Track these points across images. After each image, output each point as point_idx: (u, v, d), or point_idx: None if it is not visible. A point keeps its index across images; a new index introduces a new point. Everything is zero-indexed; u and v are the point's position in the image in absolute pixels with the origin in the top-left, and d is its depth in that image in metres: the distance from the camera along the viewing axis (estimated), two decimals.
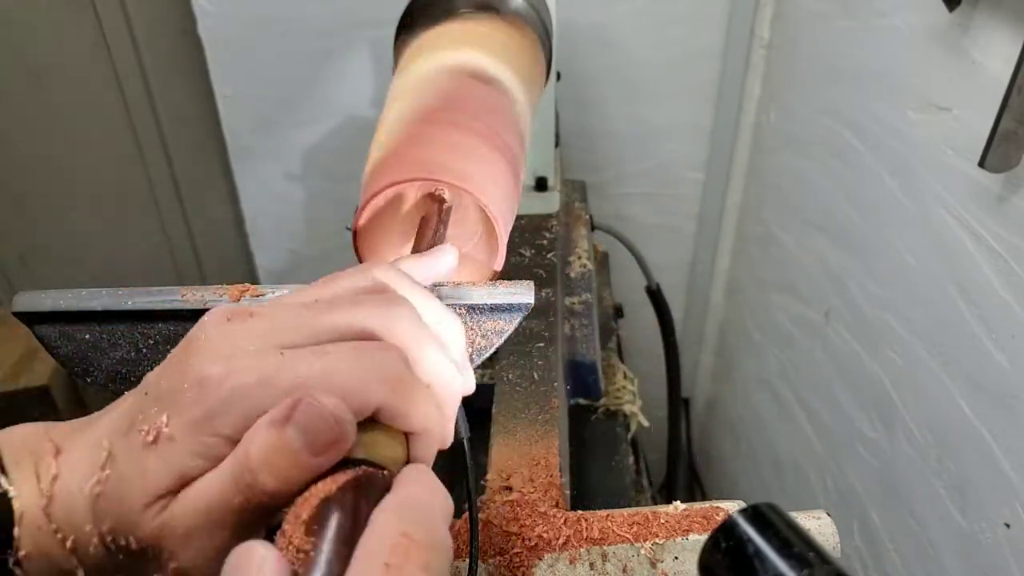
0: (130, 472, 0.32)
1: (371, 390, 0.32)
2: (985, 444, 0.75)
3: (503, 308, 0.44)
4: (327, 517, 0.28)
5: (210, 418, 0.31)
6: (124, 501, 0.31)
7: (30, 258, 1.67)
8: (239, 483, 0.30)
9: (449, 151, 0.49)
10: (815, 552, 0.29)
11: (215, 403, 0.31)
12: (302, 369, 0.31)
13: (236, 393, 0.31)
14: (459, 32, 0.64)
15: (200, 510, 0.31)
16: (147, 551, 0.32)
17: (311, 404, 0.30)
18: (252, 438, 0.31)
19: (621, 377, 0.99)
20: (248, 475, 0.30)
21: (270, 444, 0.30)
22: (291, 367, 0.31)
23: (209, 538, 0.31)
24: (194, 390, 0.31)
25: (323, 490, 0.29)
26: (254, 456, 0.30)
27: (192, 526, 0.31)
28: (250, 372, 0.31)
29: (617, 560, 0.49)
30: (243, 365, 0.31)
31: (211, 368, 0.31)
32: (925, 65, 0.82)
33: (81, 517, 0.32)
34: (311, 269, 1.56)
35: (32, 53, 1.43)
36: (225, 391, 0.31)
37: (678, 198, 1.49)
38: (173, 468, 0.31)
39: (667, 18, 1.28)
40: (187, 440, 0.31)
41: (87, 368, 0.43)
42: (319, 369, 0.31)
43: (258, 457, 0.30)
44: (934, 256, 0.83)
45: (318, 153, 1.42)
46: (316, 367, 0.31)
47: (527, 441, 0.60)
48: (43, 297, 0.43)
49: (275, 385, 0.31)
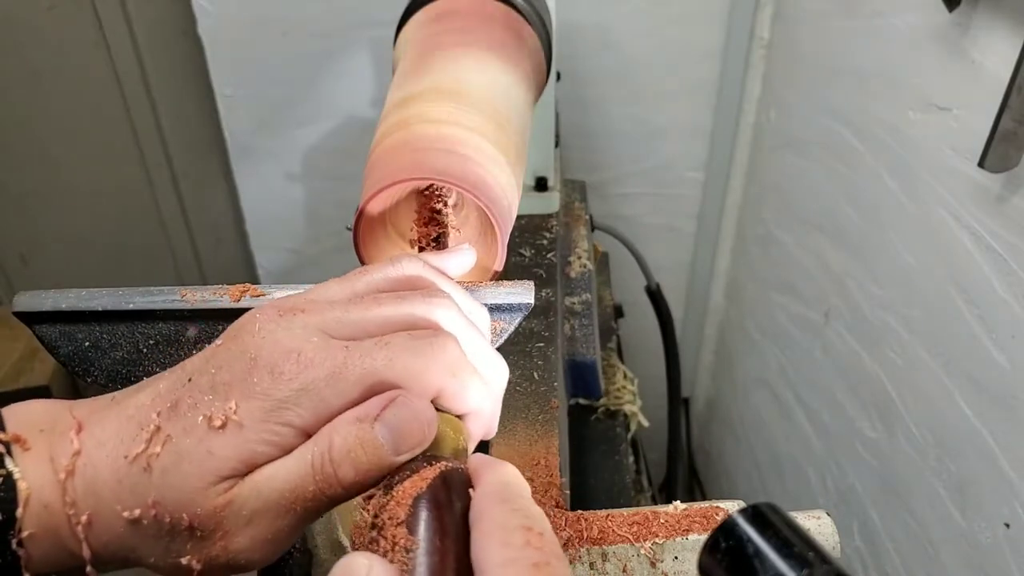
0: (192, 452, 0.32)
1: (432, 374, 0.33)
2: (985, 444, 0.75)
3: (503, 308, 0.44)
4: (425, 515, 0.29)
5: (282, 408, 0.32)
6: (183, 479, 0.32)
7: (30, 258, 1.67)
8: (318, 473, 0.32)
9: (449, 150, 0.49)
10: (815, 552, 0.29)
11: (288, 394, 0.32)
12: (367, 362, 0.32)
13: (308, 386, 0.32)
14: (459, 32, 0.63)
15: (272, 495, 0.32)
16: (196, 530, 0.32)
17: (405, 404, 0.32)
18: (337, 429, 0.32)
19: (621, 377, 0.99)
20: (329, 466, 0.31)
21: (357, 438, 0.31)
22: (357, 359, 0.33)
23: (272, 522, 0.32)
24: (266, 381, 0.32)
25: (414, 489, 0.30)
26: (338, 448, 0.31)
27: (259, 509, 0.32)
28: (320, 365, 0.32)
29: (617, 560, 0.49)
30: (312, 358, 0.32)
31: (282, 360, 0.32)
32: (925, 65, 0.82)
33: (107, 493, 0.32)
34: (311, 269, 1.56)
35: (32, 53, 1.43)
36: (298, 383, 0.32)
37: (678, 198, 1.49)
38: (242, 452, 0.32)
39: (667, 18, 1.28)
40: (257, 427, 0.32)
41: (87, 368, 0.43)
42: (383, 358, 0.33)
43: (342, 450, 0.31)
44: (934, 256, 0.83)
45: (318, 153, 1.42)
46: (380, 357, 0.33)
47: (527, 441, 0.60)
48: (43, 297, 0.43)
49: (345, 378, 0.32)
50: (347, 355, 0.33)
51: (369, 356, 0.33)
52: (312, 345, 0.33)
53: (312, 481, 0.32)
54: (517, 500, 0.30)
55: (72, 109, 1.49)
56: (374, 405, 0.32)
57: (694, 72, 1.33)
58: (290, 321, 0.34)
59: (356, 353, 0.33)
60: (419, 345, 0.33)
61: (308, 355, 0.33)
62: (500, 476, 0.31)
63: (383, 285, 0.38)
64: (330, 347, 0.33)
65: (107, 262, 1.68)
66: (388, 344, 0.33)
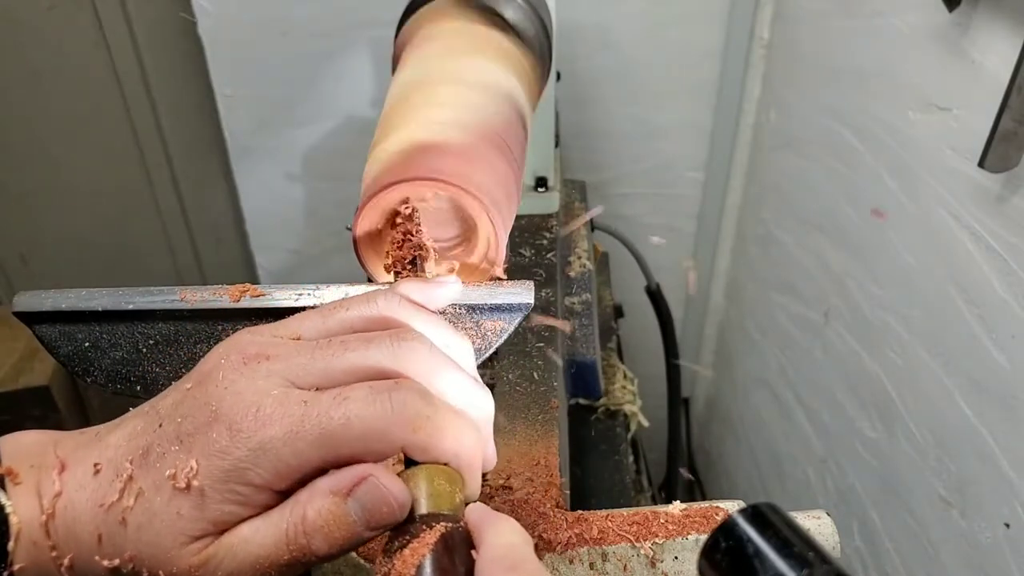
0: (162, 512, 0.32)
1: (392, 433, 0.33)
2: (985, 444, 0.75)
3: (503, 308, 0.44)
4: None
5: (241, 469, 0.32)
6: (157, 537, 0.32)
7: (30, 258, 1.67)
8: (291, 542, 0.32)
9: (448, 151, 0.49)
10: (815, 552, 0.29)
11: (245, 454, 0.32)
12: (324, 421, 0.32)
13: (266, 445, 0.32)
14: (458, 32, 0.63)
15: (247, 558, 0.32)
16: None
17: (376, 486, 0.32)
18: (311, 502, 0.32)
19: (621, 377, 0.99)
20: (303, 537, 0.32)
21: (329, 512, 0.32)
22: (315, 418, 0.32)
23: None
24: (224, 439, 0.32)
25: (415, 557, 0.30)
26: (311, 521, 0.32)
27: (234, 571, 0.32)
28: (278, 423, 0.32)
29: (617, 560, 0.49)
30: (269, 414, 0.32)
31: (239, 417, 0.32)
32: (925, 65, 0.82)
33: (86, 538, 0.33)
34: (311, 269, 1.56)
35: (32, 53, 1.43)
36: (255, 443, 0.32)
37: (678, 198, 1.49)
38: (208, 514, 0.32)
39: (667, 18, 1.28)
40: (219, 488, 0.32)
41: (87, 368, 0.43)
42: (340, 418, 0.32)
43: (315, 523, 0.32)
44: (934, 256, 0.82)
45: (318, 153, 1.42)
46: (337, 417, 0.32)
47: (527, 441, 0.60)
48: (43, 297, 0.43)
49: (302, 438, 0.32)
50: (305, 412, 0.32)
51: (326, 415, 0.32)
52: (271, 399, 0.33)
53: (286, 550, 0.32)
54: (524, 566, 0.30)
55: (72, 109, 1.49)
56: (346, 479, 0.32)
57: (694, 72, 1.33)
58: (254, 370, 0.34)
59: (314, 410, 0.32)
60: (378, 401, 0.33)
61: (266, 411, 0.32)
62: (504, 538, 0.31)
63: (358, 324, 0.37)
64: (289, 402, 0.33)
65: (107, 262, 1.68)
66: (347, 400, 0.33)
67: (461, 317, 0.44)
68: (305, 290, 0.44)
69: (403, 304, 0.38)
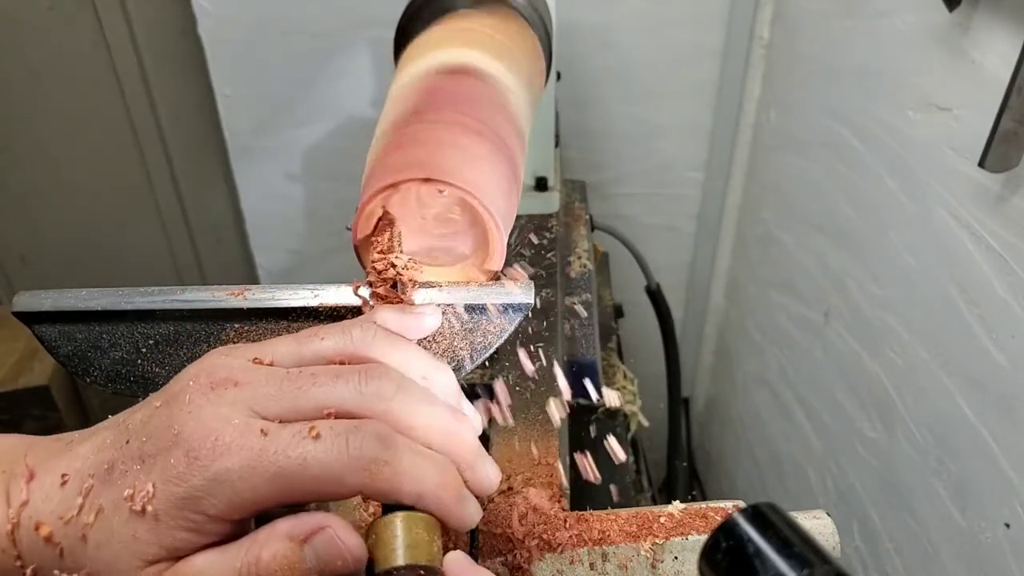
0: (120, 532, 0.32)
1: (346, 479, 0.33)
2: (985, 444, 0.75)
3: (503, 308, 0.44)
4: None
5: (196, 497, 0.32)
6: (114, 558, 0.32)
7: (30, 258, 1.67)
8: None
9: (448, 151, 0.49)
10: (815, 552, 0.29)
11: (201, 483, 0.32)
12: (281, 460, 0.32)
13: (221, 476, 0.32)
14: (458, 31, 0.64)
15: None
16: None
17: (332, 539, 0.32)
18: (266, 543, 0.32)
19: (621, 377, 0.99)
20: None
21: (284, 556, 0.32)
22: (271, 455, 0.32)
23: None
24: (181, 465, 0.32)
25: None
26: (265, 564, 0.32)
27: None
28: (234, 455, 0.32)
29: (617, 560, 0.49)
30: (228, 445, 0.32)
31: (198, 444, 0.32)
32: (925, 65, 0.82)
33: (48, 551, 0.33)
34: (311, 269, 1.56)
35: (32, 53, 1.43)
36: (210, 474, 0.32)
37: (678, 198, 1.49)
38: (163, 539, 0.32)
39: (667, 18, 1.28)
40: (173, 514, 0.32)
41: (87, 368, 0.43)
42: (297, 459, 0.32)
43: (268, 566, 0.32)
44: (934, 256, 0.82)
45: (318, 153, 1.42)
46: (294, 456, 0.32)
47: (527, 441, 0.60)
48: (43, 297, 0.43)
49: (259, 474, 0.32)
50: (263, 447, 0.32)
51: (283, 453, 0.32)
52: (232, 429, 0.33)
53: None
54: None
55: (72, 109, 1.49)
56: (304, 527, 0.32)
57: (694, 72, 1.33)
58: (219, 396, 0.34)
59: (272, 446, 0.32)
60: (336, 445, 0.33)
61: (225, 440, 0.32)
62: None
63: (332, 357, 0.37)
64: (249, 433, 0.33)
65: (107, 262, 1.68)
66: (304, 440, 0.33)
67: (461, 317, 0.44)
68: (306, 290, 0.44)
69: (378, 337, 0.38)
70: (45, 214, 1.61)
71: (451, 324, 0.44)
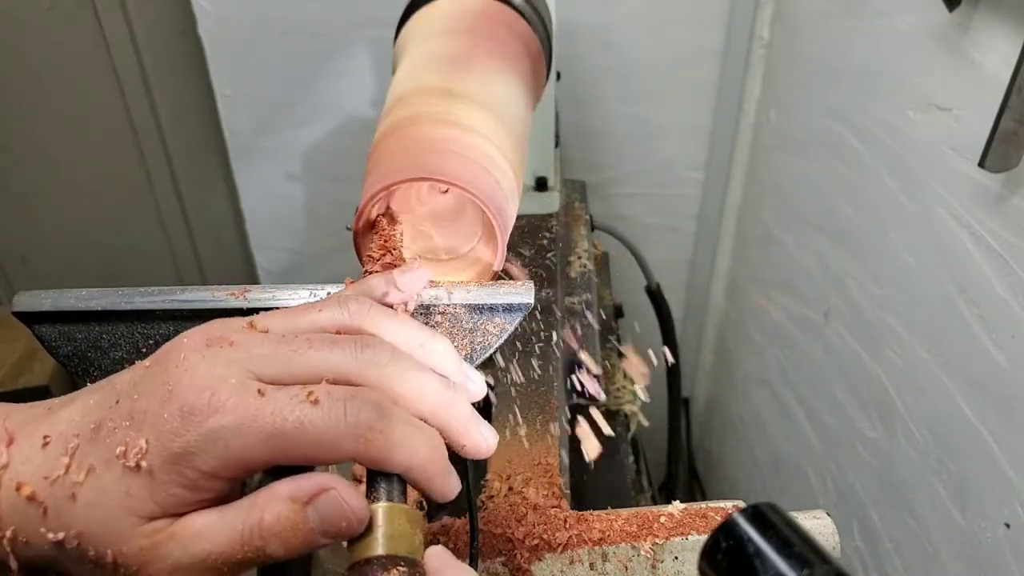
0: (112, 489, 0.32)
1: (342, 445, 0.33)
2: (985, 444, 0.75)
3: (503, 308, 0.44)
4: None
5: (189, 453, 0.32)
6: (107, 516, 0.32)
7: (30, 258, 1.67)
8: (246, 543, 0.32)
9: (448, 150, 0.49)
10: (815, 552, 0.29)
11: (194, 440, 0.32)
12: (277, 421, 0.32)
13: (215, 432, 0.32)
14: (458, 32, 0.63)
15: (199, 553, 0.32)
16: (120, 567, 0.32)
17: (336, 500, 0.32)
18: (268, 505, 0.32)
19: (621, 377, 0.99)
20: (259, 540, 0.32)
21: (287, 518, 0.32)
22: (268, 416, 0.32)
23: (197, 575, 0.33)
24: (175, 420, 0.32)
25: None
26: (268, 525, 0.32)
27: (184, 564, 0.32)
28: (231, 412, 0.32)
29: (617, 560, 0.49)
30: (223, 402, 0.32)
31: (193, 399, 0.32)
32: (925, 65, 0.82)
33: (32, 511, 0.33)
34: (311, 269, 1.56)
35: (32, 53, 1.43)
36: (205, 429, 0.32)
37: (678, 198, 1.49)
38: (156, 495, 0.32)
39: (667, 18, 1.28)
40: (167, 469, 0.32)
41: (87, 368, 0.43)
42: (294, 421, 0.32)
43: (271, 527, 0.32)
44: (934, 256, 0.82)
45: (318, 153, 1.42)
46: (291, 419, 0.32)
47: (527, 441, 0.60)
48: (43, 297, 0.43)
49: (253, 432, 0.32)
50: (260, 407, 0.32)
51: (280, 415, 0.32)
52: (228, 387, 0.32)
53: (240, 550, 0.32)
54: None
55: (72, 109, 1.49)
56: (307, 488, 0.33)
57: (694, 72, 1.33)
58: (215, 354, 0.34)
59: (268, 407, 0.32)
60: (333, 410, 0.33)
61: (221, 398, 0.32)
62: None
63: (328, 328, 0.37)
64: (246, 393, 0.32)
65: (107, 262, 1.68)
66: (302, 403, 0.33)
67: (461, 317, 0.44)
68: (306, 290, 0.44)
69: (374, 310, 0.38)
70: (45, 214, 1.61)
71: (451, 324, 0.44)
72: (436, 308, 0.44)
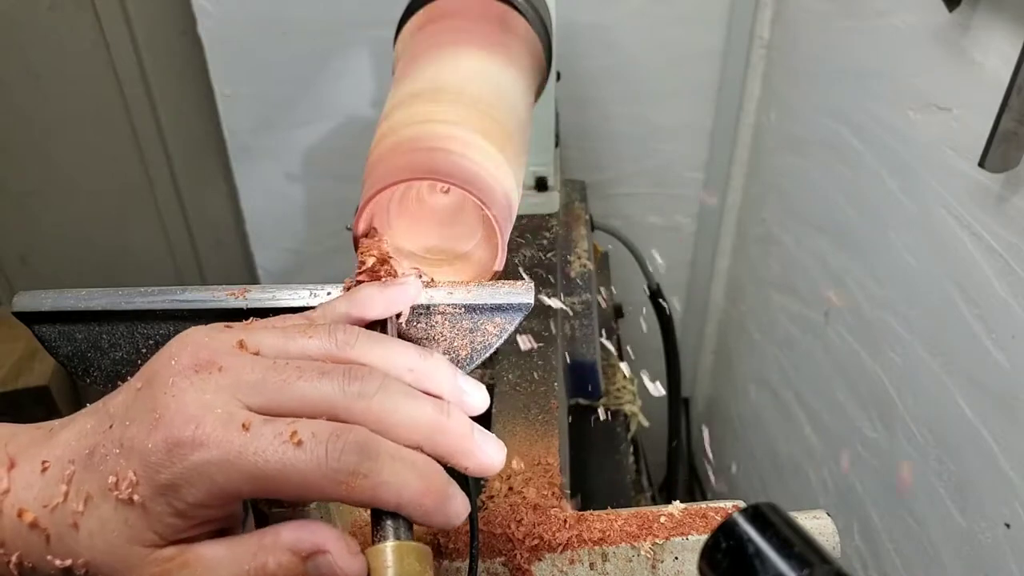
0: (112, 519, 0.33)
1: (325, 488, 0.33)
2: (985, 444, 0.75)
3: (503, 308, 0.44)
4: None
5: (176, 487, 0.32)
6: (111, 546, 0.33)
7: (30, 258, 1.67)
8: None
9: (448, 150, 0.49)
10: (815, 552, 0.29)
11: (180, 472, 0.32)
12: (260, 461, 0.32)
13: (199, 468, 0.32)
14: (457, 31, 0.63)
15: None
16: None
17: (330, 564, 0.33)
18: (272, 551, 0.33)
19: (621, 377, 0.99)
20: None
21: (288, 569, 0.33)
22: (251, 455, 0.32)
23: None
24: (160, 452, 0.32)
25: None
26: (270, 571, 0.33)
27: None
28: (213, 447, 0.32)
29: (617, 560, 0.49)
30: (208, 435, 0.32)
31: (178, 431, 0.32)
32: (925, 65, 0.82)
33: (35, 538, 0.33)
34: (311, 269, 1.56)
35: (32, 53, 1.43)
36: (189, 464, 0.32)
37: (678, 198, 1.49)
38: (152, 525, 0.32)
39: (667, 18, 1.28)
40: (158, 503, 0.32)
41: (87, 368, 0.43)
42: (276, 463, 0.32)
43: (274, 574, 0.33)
44: (934, 256, 0.82)
45: (318, 153, 1.42)
46: (273, 461, 0.32)
47: (527, 441, 0.60)
48: (43, 297, 0.43)
49: (237, 469, 0.32)
50: (244, 444, 0.32)
51: (263, 455, 0.32)
52: (214, 418, 0.32)
53: None
54: None
55: (72, 109, 1.49)
56: (306, 543, 0.33)
57: (694, 72, 1.33)
58: (203, 380, 0.33)
59: (251, 446, 0.32)
60: (316, 453, 0.32)
61: (206, 430, 0.32)
62: None
63: (316, 354, 0.37)
64: (230, 425, 0.32)
65: (107, 262, 1.68)
66: (285, 443, 0.32)
67: (461, 317, 0.44)
68: (306, 290, 0.44)
69: (361, 338, 0.38)
70: (45, 214, 1.61)
71: (451, 324, 0.44)
72: (436, 308, 0.44)
